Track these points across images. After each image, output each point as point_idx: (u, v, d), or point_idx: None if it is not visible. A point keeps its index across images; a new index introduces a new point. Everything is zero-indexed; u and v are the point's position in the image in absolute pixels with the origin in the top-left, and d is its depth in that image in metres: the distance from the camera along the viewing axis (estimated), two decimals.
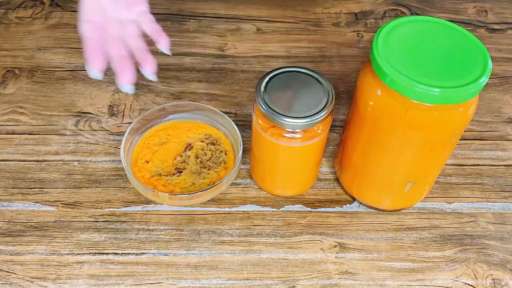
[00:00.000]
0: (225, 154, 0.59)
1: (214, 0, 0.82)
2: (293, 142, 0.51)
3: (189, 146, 0.60)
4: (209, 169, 0.58)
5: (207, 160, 0.59)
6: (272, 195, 0.59)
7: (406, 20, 0.48)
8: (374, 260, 0.54)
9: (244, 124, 0.65)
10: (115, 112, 0.66)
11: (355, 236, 0.56)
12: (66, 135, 0.64)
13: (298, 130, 0.50)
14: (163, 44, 0.56)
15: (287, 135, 0.50)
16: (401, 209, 0.58)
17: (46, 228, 0.55)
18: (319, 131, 0.51)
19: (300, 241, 0.56)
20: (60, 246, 0.54)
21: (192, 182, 0.57)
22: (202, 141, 0.60)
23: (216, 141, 0.60)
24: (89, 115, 0.66)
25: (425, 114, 0.45)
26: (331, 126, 0.53)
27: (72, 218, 0.56)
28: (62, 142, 0.63)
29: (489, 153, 0.64)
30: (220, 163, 0.59)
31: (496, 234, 0.57)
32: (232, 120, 0.59)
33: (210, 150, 0.60)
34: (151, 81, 0.53)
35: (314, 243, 0.55)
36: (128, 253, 0.54)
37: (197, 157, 0.59)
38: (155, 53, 0.73)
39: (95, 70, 0.53)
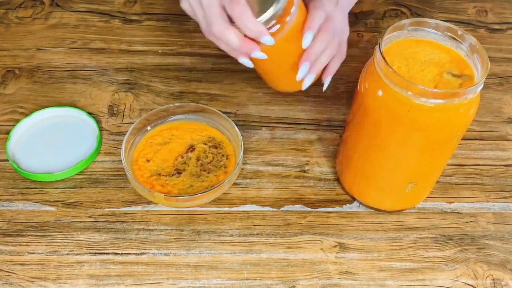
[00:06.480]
0: (226, 159, 0.59)
1: None
2: (277, 36, 0.51)
3: (191, 148, 0.60)
4: (208, 172, 0.58)
5: (208, 163, 0.59)
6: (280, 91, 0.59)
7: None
8: (374, 260, 0.54)
9: (244, 124, 0.65)
10: (115, 112, 0.66)
11: (355, 236, 0.56)
12: None
13: (273, 22, 0.50)
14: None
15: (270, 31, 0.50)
16: (402, 210, 0.58)
17: (46, 228, 0.55)
18: (289, 17, 0.51)
19: (300, 241, 0.56)
20: (60, 246, 0.54)
21: (190, 184, 0.57)
22: (205, 144, 0.60)
23: (219, 145, 0.60)
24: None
25: (427, 115, 0.45)
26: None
27: (72, 218, 0.56)
28: None
29: (489, 153, 0.64)
30: (221, 167, 0.59)
31: (496, 234, 0.57)
32: (232, 120, 0.59)
33: (211, 153, 0.59)
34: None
35: (314, 243, 0.55)
36: (128, 253, 0.54)
37: (198, 159, 0.59)
38: (155, 53, 0.73)
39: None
